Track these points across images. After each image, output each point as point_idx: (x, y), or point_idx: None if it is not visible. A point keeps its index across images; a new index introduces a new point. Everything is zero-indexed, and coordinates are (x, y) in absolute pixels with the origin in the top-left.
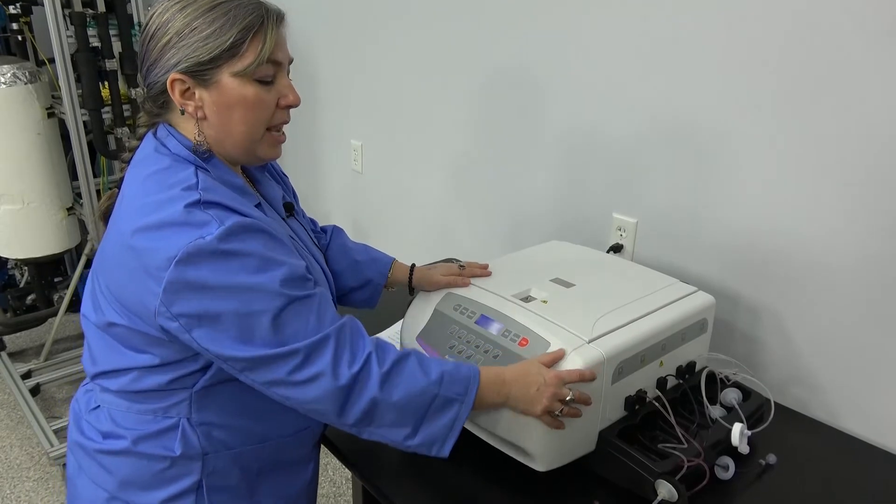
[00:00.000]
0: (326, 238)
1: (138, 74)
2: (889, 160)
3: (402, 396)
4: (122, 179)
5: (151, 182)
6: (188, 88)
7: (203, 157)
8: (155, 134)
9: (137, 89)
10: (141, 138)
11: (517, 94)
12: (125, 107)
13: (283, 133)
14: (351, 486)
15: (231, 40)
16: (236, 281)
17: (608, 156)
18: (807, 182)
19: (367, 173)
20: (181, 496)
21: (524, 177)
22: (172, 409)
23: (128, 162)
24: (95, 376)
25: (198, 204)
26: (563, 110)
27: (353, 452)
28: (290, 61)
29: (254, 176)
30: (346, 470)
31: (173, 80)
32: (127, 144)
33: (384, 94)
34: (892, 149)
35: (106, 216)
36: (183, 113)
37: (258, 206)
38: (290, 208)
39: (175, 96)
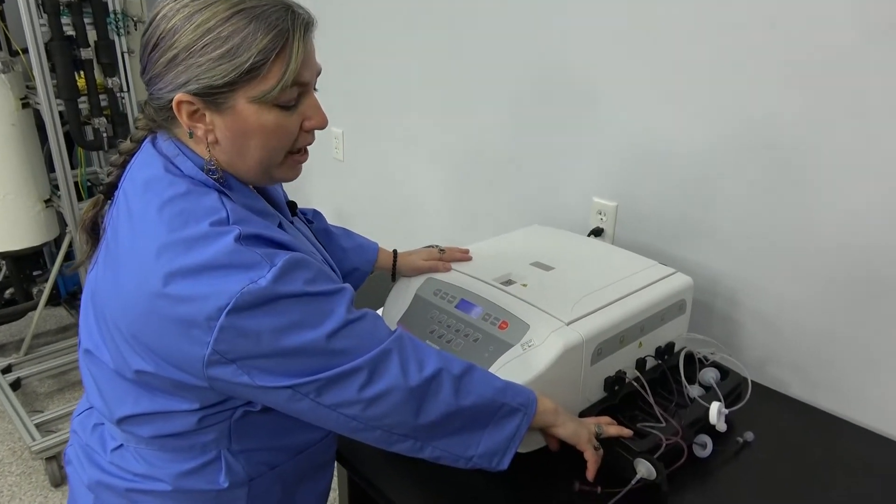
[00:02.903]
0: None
1: (140, 76)
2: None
3: (473, 402)
4: (110, 186)
5: (172, 212)
6: (197, 110)
7: (219, 179)
8: (155, 143)
9: (114, 79)
10: (137, 141)
11: (497, 81)
12: (102, 96)
13: (306, 152)
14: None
15: (250, 62)
16: (295, 319)
17: (588, 140)
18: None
19: (349, 161)
20: None
21: (505, 163)
22: (210, 445)
23: (120, 166)
24: (118, 421)
25: (239, 239)
26: (548, 98)
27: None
28: (319, 73)
29: None
30: None
31: (180, 102)
32: (119, 146)
33: (364, 82)
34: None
35: (93, 227)
36: (191, 136)
37: (280, 225)
38: (294, 207)
39: (182, 118)
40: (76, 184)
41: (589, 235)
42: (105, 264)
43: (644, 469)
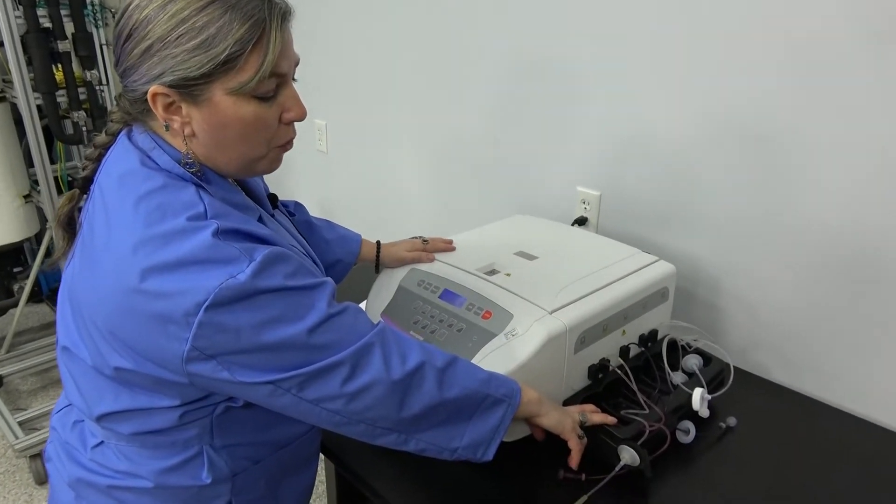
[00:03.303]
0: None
1: (114, 68)
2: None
3: (457, 394)
4: (86, 180)
5: (148, 207)
6: (173, 102)
7: (196, 172)
8: (130, 136)
9: (93, 71)
10: (112, 134)
11: (480, 72)
12: (80, 90)
13: (290, 144)
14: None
15: (226, 53)
16: (275, 314)
17: (572, 130)
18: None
19: (333, 153)
20: None
21: (489, 154)
22: (192, 441)
23: (95, 160)
24: (98, 418)
25: (217, 234)
26: (531, 88)
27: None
28: (297, 63)
29: None
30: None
31: (155, 94)
32: (94, 139)
33: (347, 74)
34: None
35: (69, 223)
36: (168, 129)
37: (260, 219)
38: (275, 200)
39: (157, 111)
40: (56, 179)
41: (573, 225)
42: (81, 260)
43: (628, 456)
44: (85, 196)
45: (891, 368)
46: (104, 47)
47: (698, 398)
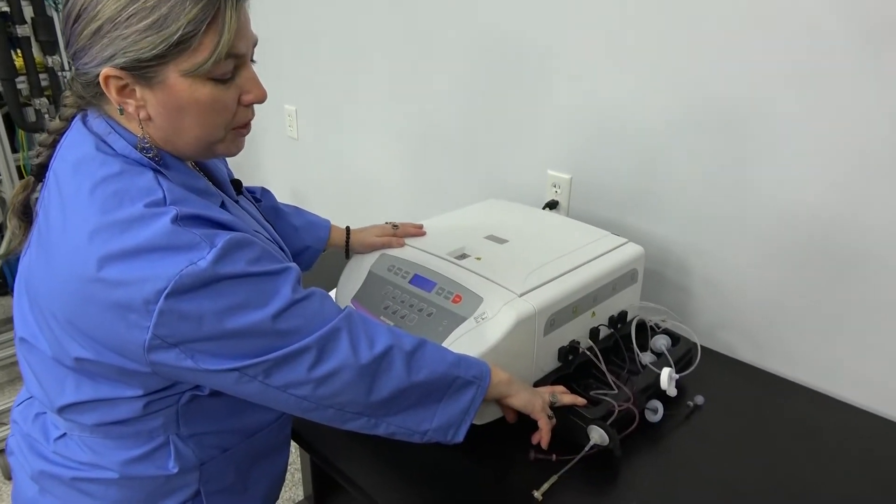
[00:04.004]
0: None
1: (63, 50)
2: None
3: (426, 377)
4: (40, 167)
5: (105, 193)
6: (126, 85)
7: (154, 157)
8: (85, 121)
9: (55, 57)
10: (66, 119)
11: (451, 55)
12: (42, 76)
13: (249, 126)
14: (299, 454)
15: (179, 34)
16: (239, 301)
17: (543, 114)
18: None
19: (304, 139)
20: None
21: (461, 138)
22: (157, 430)
23: (49, 146)
24: (59, 409)
25: (176, 220)
26: (502, 72)
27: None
28: (255, 43)
29: None
30: None
31: (107, 77)
32: (47, 125)
33: (316, 58)
34: None
35: (24, 211)
36: (122, 112)
37: (222, 204)
38: (239, 185)
39: (111, 94)
40: (18, 168)
41: (544, 208)
42: (37, 249)
43: (597, 435)
44: (40, 184)
45: (853, 347)
46: None
47: (666, 378)
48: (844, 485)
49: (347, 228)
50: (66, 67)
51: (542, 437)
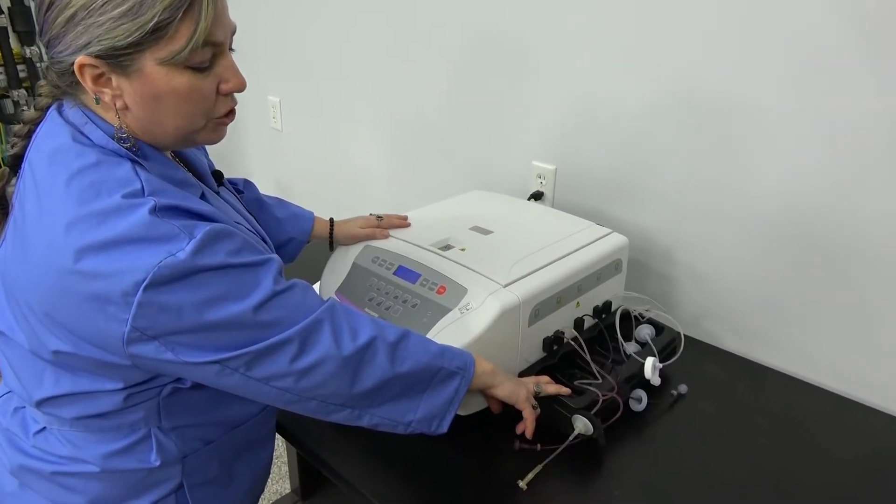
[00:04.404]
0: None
1: (37, 39)
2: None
3: (410, 368)
4: (16, 158)
5: (81, 185)
6: (102, 74)
7: (131, 147)
8: (61, 111)
9: (33, 47)
10: (42, 109)
11: (436, 45)
12: (20, 67)
13: (232, 114)
14: (286, 447)
15: (155, 21)
16: (219, 292)
17: (528, 105)
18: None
19: (288, 131)
20: (162, 501)
21: (445, 129)
22: (139, 423)
23: (24, 137)
24: (38, 403)
25: (155, 211)
26: (487, 63)
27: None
28: (234, 32)
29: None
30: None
31: (82, 65)
32: (22, 115)
33: (300, 49)
34: None
35: None
36: (98, 102)
37: (202, 196)
38: (220, 176)
39: (86, 83)
40: None
41: (529, 199)
42: (13, 242)
43: (582, 425)
44: (15, 175)
45: (833, 335)
46: None
47: (650, 367)
48: (827, 471)
49: (331, 220)
50: (44, 58)
51: (527, 426)
